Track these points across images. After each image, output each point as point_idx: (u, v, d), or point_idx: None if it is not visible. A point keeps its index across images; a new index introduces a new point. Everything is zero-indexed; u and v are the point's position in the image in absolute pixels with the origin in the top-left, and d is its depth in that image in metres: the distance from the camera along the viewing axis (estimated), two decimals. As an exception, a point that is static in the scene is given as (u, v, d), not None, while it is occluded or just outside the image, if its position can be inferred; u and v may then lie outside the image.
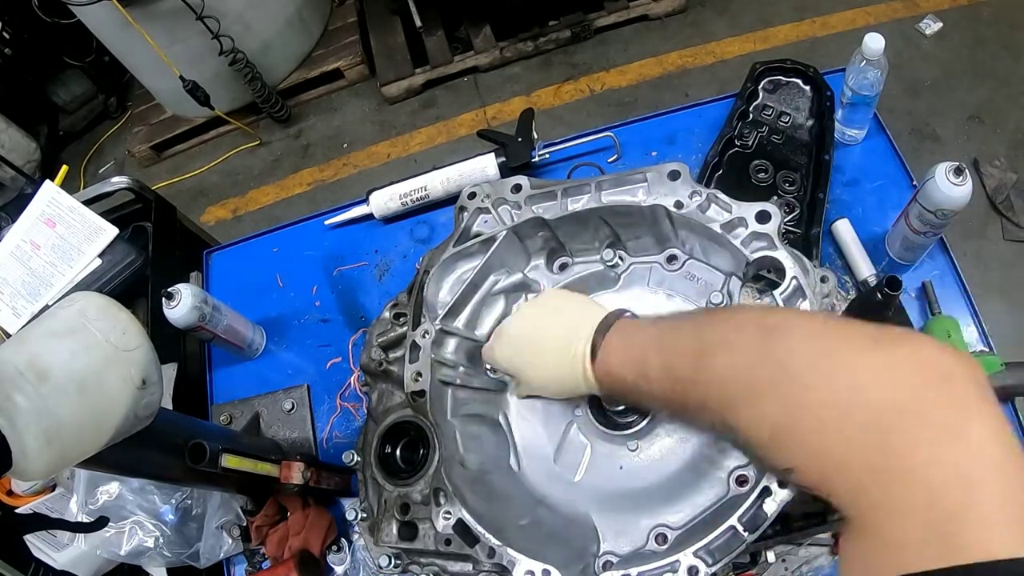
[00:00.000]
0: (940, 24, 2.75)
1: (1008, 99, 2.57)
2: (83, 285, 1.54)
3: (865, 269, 1.18)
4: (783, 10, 2.94)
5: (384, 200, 1.42)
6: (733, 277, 0.92)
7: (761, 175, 1.28)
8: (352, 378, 1.31)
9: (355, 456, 1.01)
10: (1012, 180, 2.42)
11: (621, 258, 0.99)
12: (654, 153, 1.40)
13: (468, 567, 0.88)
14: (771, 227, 0.84)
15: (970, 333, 1.14)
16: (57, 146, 3.49)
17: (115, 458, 0.83)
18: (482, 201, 0.98)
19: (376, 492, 0.96)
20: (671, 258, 0.97)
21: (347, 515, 0.99)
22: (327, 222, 1.49)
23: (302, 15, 3.06)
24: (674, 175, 0.90)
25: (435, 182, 1.39)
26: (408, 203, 1.41)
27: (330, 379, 1.33)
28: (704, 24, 3.00)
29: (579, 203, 0.95)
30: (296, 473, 1.08)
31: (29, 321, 1.49)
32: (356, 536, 1.18)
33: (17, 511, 1.28)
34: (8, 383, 0.67)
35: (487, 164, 1.37)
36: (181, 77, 2.73)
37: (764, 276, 0.86)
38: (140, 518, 1.17)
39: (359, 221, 1.47)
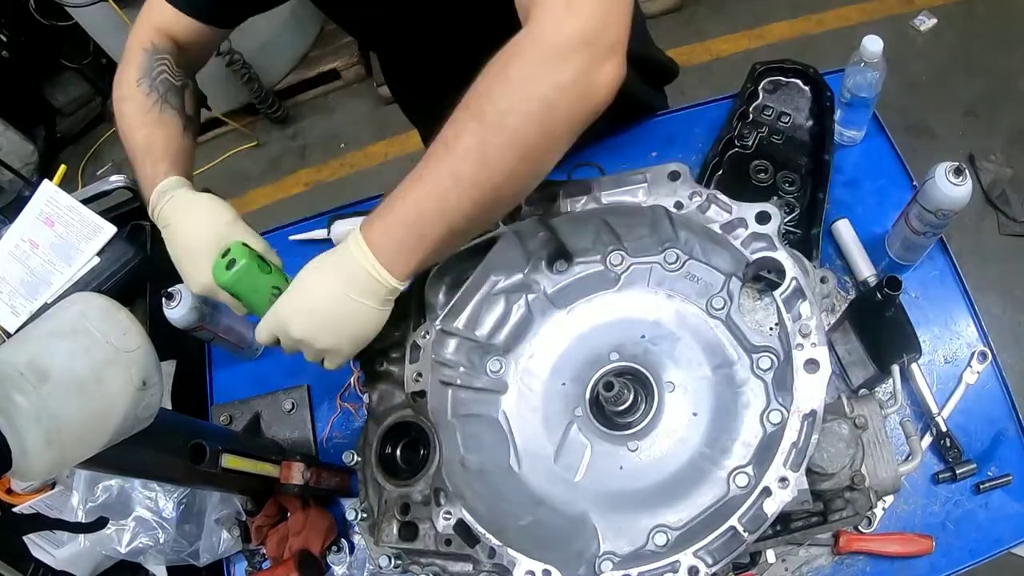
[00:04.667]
0: (934, 20, 2.75)
1: (1003, 94, 2.57)
2: (82, 283, 1.54)
3: (865, 269, 1.18)
4: (778, 7, 2.94)
5: (345, 231, 1.40)
6: (733, 277, 0.92)
7: (761, 175, 1.28)
8: (352, 378, 1.31)
9: (355, 456, 1.00)
10: (1008, 175, 2.42)
11: (621, 258, 0.99)
12: (654, 153, 1.39)
13: (468, 567, 0.88)
14: (771, 228, 0.85)
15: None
16: (55, 149, 3.48)
17: (115, 458, 0.83)
18: (482, 201, 0.98)
19: (376, 492, 0.96)
20: (671, 258, 0.97)
21: (347, 515, 0.99)
22: (291, 237, 1.47)
23: (299, 16, 3.05)
24: (674, 175, 0.91)
25: None
26: None
27: (330, 379, 1.32)
28: (699, 22, 3.00)
29: (579, 203, 0.95)
30: (296, 473, 1.08)
31: (29, 320, 1.49)
32: (356, 536, 1.19)
33: (17, 509, 1.28)
34: (8, 383, 0.67)
35: None
36: (179, 77, 2.72)
37: (764, 276, 0.86)
38: (141, 515, 1.17)
39: (320, 243, 1.45)
